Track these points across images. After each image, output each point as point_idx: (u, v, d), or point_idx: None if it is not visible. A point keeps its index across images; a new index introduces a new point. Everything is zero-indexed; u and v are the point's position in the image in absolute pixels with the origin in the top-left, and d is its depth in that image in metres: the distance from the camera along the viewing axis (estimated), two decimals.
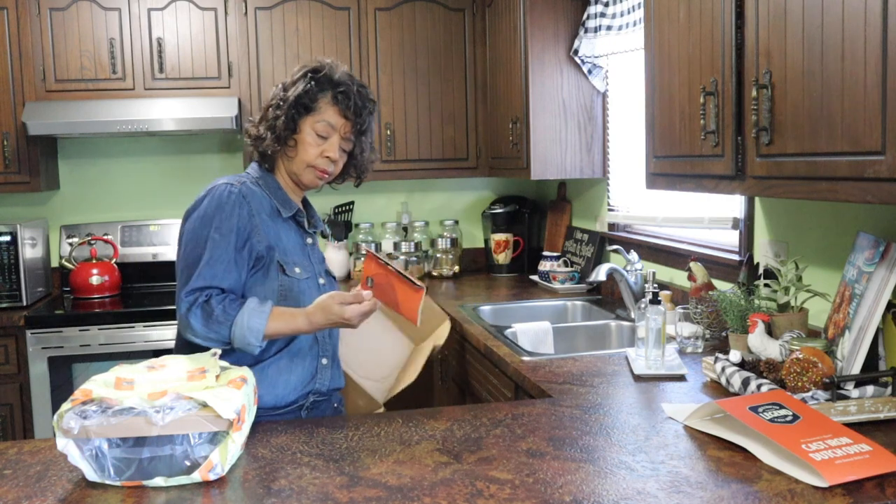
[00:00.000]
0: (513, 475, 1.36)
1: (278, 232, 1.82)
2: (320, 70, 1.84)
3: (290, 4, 3.63)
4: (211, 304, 1.70)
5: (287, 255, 1.82)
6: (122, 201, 3.92)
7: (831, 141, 1.46)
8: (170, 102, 3.49)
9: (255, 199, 1.81)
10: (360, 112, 1.84)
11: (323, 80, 1.83)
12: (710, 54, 1.86)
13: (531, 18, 3.25)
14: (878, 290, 1.59)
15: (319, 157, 1.83)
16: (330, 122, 1.82)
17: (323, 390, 1.87)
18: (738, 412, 1.47)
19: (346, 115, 1.83)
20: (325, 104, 1.82)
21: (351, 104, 1.82)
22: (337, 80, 1.83)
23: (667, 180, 2.13)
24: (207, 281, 1.71)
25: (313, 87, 1.81)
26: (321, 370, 1.87)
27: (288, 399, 1.81)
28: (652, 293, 2.41)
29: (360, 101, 1.84)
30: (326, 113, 1.82)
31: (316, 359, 1.86)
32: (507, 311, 3.17)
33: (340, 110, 1.82)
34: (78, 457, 1.32)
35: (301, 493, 1.30)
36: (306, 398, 1.85)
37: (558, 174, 3.32)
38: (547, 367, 2.14)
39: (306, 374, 1.84)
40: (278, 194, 1.86)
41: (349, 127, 1.85)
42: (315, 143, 1.83)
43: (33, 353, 3.21)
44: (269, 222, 1.81)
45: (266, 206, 1.83)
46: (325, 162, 1.84)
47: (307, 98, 1.81)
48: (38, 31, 3.43)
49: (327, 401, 1.92)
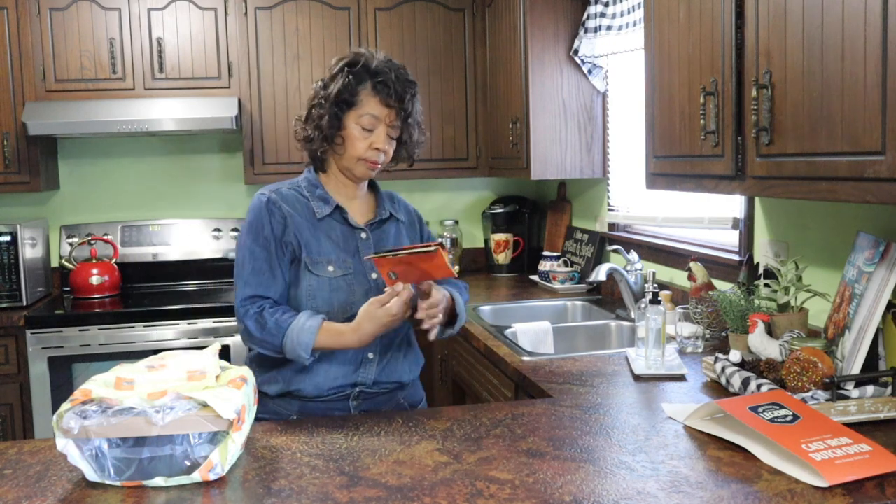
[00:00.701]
0: (513, 475, 1.36)
1: (315, 231, 1.83)
2: (357, 62, 1.82)
3: (290, 4, 3.63)
4: (264, 316, 1.76)
5: (319, 254, 1.81)
6: (122, 201, 3.92)
7: (831, 141, 1.46)
8: (170, 102, 3.49)
9: (287, 202, 1.83)
10: (402, 98, 1.81)
11: (360, 71, 1.81)
12: (710, 54, 1.86)
13: (531, 18, 3.25)
14: (878, 290, 1.59)
15: (368, 149, 1.82)
16: (373, 113, 1.80)
17: (368, 383, 1.84)
18: (738, 412, 1.47)
19: (389, 103, 1.80)
20: (366, 96, 1.81)
21: (391, 92, 1.80)
22: (374, 69, 1.81)
23: (667, 180, 2.13)
24: (255, 289, 1.79)
25: (351, 80, 1.80)
26: (366, 363, 1.84)
27: (327, 388, 1.81)
28: (652, 293, 2.41)
29: (399, 87, 1.81)
30: (368, 105, 1.81)
31: (360, 352, 1.83)
32: (507, 311, 3.17)
33: (382, 100, 1.80)
34: (78, 457, 1.32)
35: (301, 493, 1.30)
36: (352, 388, 1.84)
37: (558, 174, 3.32)
38: (547, 367, 2.14)
39: (348, 367, 1.83)
40: (317, 193, 1.86)
41: (393, 115, 1.82)
42: (362, 137, 1.81)
43: (33, 353, 3.21)
44: (305, 223, 1.82)
45: (301, 207, 1.84)
46: (375, 153, 1.83)
47: (347, 93, 1.80)
48: (38, 31, 3.43)
49: (387, 395, 1.89)
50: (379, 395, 1.88)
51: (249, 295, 1.79)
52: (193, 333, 3.31)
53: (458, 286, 1.99)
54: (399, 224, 1.96)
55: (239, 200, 4.00)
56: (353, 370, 1.83)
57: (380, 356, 1.86)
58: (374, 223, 1.91)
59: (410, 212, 2.03)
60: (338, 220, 1.87)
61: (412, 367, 1.95)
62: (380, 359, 1.86)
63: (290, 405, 1.83)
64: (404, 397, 1.93)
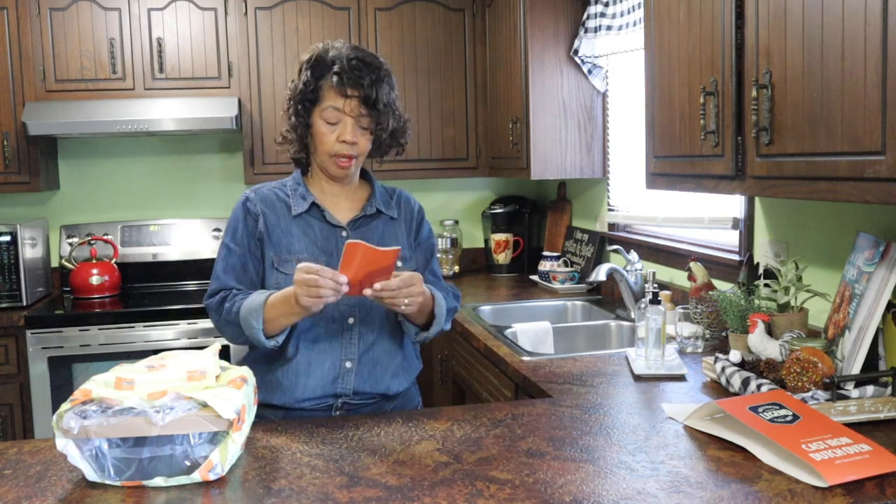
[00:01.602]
0: (513, 475, 1.36)
1: (288, 229, 1.82)
2: (313, 57, 1.78)
3: (290, 4, 3.63)
4: (224, 305, 1.77)
5: (289, 251, 1.80)
6: (122, 201, 3.92)
7: (831, 141, 1.46)
8: (170, 102, 3.49)
9: (263, 201, 1.84)
10: (361, 84, 1.73)
11: (317, 66, 1.77)
12: (710, 54, 1.86)
13: (531, 18, 3.25)
14: (878, 290, 1.59)
15: (336, 143, 1.77)
16: (334, 105, 1.75)
17: (349, 394, 1.80)
18: (738, 412, 1.47)
19: (346, 93, 1.74)
20: (326, 89, 1.76)
21: (348, 80, 1.73)
22: (329, 60, 1.75)
23: (667, 180, 2.13)
24: (222, 283, 1.81)
25: (310, 76, 1.77)
26: (344, 374, 1.79)
27: (305, 398, 1.78)
28: (652, 293, 2.41)
29: (356, 74, 1.73)
30: (329, 97, 1.75)
31: (339, 362, 1.79)
32: (507, 311, 3.17)
33: (340, 90, 1.74)
34: (78, 457, 1.32)
35: (301, 493, 1.30)
36: (335, 399, 1.80)
37: (558, 174, 3.32)
38: (547, 367, 2.14)
39: (326, 378, 1.78)
40: (298, 192, 1.85)
41: (355, 104, 1.75)
42: (329, 132, 1.77)
43: (33, 353, 3.21)
44: (278, 221, 1.82)
45: (278, 205, 1.84)
46: (344, 146, 1.77)
47: (309, 90, 1.77)
48: (38, 31, 3.43)
49: (373, 406, 1.84)
50: (363, 407, 1.83)
51: (216, 289, 1.81)
52: (193, 333, 3.31)
53: (447, 289, 1.93)
54: (389, 222, 1.89)
55: None
56: (331, 381, 1.78)
57: (358, 365, 1.80)
58: (357, 220, 1.85)
59: (411, 208, 1.96)
60: (316, 218, 1.83)
61: (402, 376, 1.87)
62: (359, 367, 1.80)
63: (275, 413, 1.81)
64: (394, 408, 1.88)
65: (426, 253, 1.96)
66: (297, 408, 1.79)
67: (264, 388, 1.80)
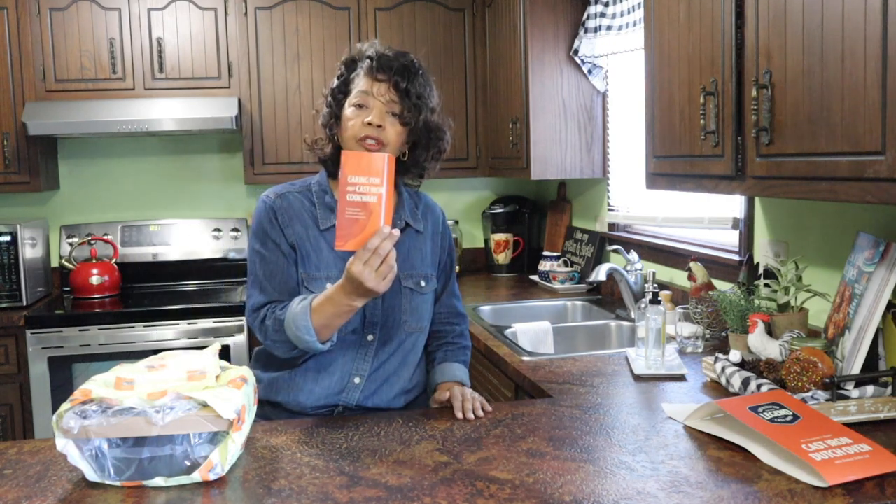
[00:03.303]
0: (513, 475, 1.36)
1: (317, 243, 1.74)
2: (348, 57, 1.78)
3: (290, 4, 3.63)
4: (266, 322, 1.69)
5: (318, 268, 1.73)
6: (122, 201, 3.92)
7: (831, 141, 1.46)
8: (170, 102, 3.49)
9: (292, 209, 1.75)
10: (390, 67, 1.68)
11: (351, 62, 1.76)
12: (710, 54, 1.86)
13: (531, 18, 3.25)
14: (878, 290, 1.59)
15: (362, 126, 1.67)
16: (362, 89, 1.69)
17: (351, 405, 1.78)
18: (738, 412, 1.47)
19: (377, 76, 1.69)
20: (358, 78, 1.73)
21: (379, 66, 1.69)
22: (365, 54, 1.73)
23: (667, 180, 2.13)
24: (266, 296, 1.72)
25: (345, 72, 1.76)
26: (351, 388, 1.78)
27: (310, 405, 1.77)
28: (652, 293, 2.41)
29: (387, 60, 1.69)
30: (359, 84, 1.71)
31: (348, 376, 1.77)
32: (507, 311, 3.17)
33: (370, 74, 1.69)
34: (78, 457, 1.32)
35: (301, 493, 1.30)
36: (335, 407, 1.79)
37: (558, 174, 3.32)
38: (547, 367, 2.14)
39: (333, 388, 1.77)
40: (325, 201, 1.77)
41: (385, 88, 1.68)
42: (355, 116, 1.69)
43: (33, 353, 3.21)
44: (306, 234, 1.74)
45: (305, 216, 1.76)
46: (370, 129, 1.67)
47: (342, 85, 1.75)
48: (38, 31, 3.43)
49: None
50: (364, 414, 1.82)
51: (257, 305, 1.72)
52: (193, 333, 3.31)
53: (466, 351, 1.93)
54: (416, 236, 1.83)
55: (239, 200, 4.00)
56: (336, 392, 1.77)
57: (367, 382, 1.78)
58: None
59: (436, 219, 1.91)
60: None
61: (406, 396, 1.85)
62: (366, 384, 1.78)
63: (278, 413, 1.80)
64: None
65: (446, 269, 1.93)
66: (297, 410, 1.79)
67: (269, 385, 1.79)
